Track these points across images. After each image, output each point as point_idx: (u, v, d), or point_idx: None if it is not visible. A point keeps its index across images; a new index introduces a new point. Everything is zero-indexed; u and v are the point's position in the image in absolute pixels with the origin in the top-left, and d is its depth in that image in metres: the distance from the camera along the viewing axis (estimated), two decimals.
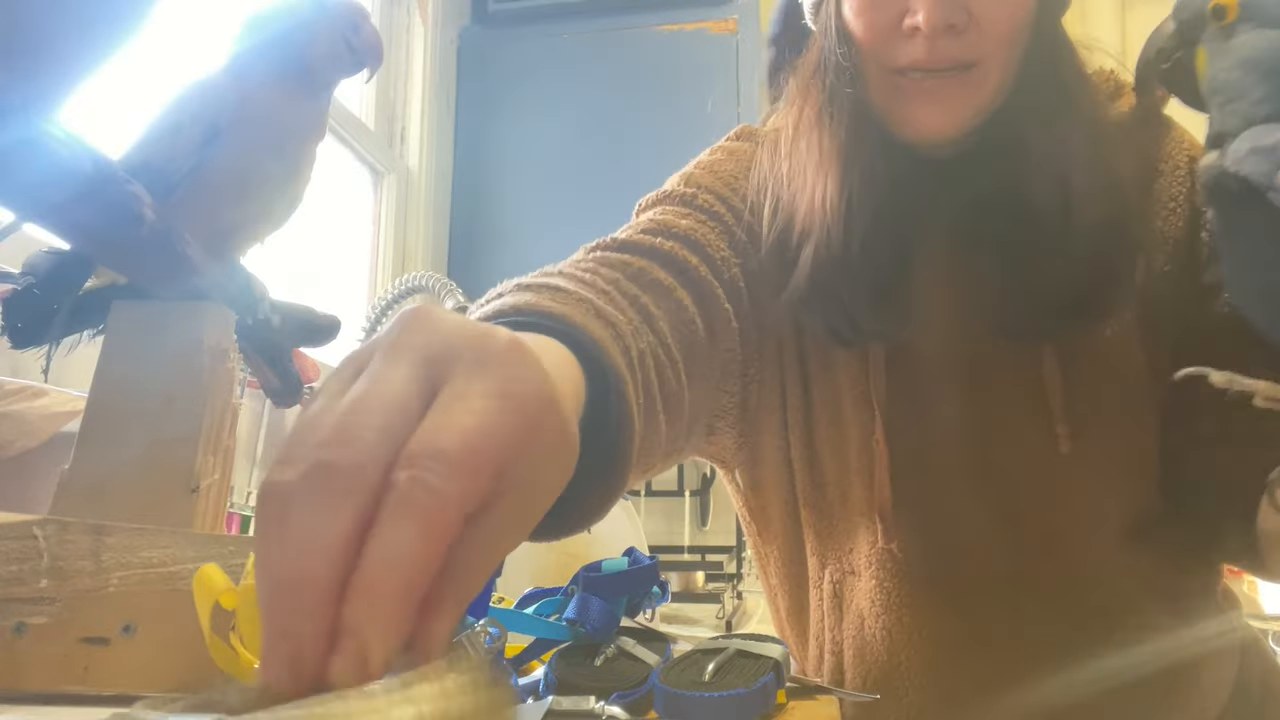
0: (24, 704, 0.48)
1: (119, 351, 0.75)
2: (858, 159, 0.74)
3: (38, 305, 0.78)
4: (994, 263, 0.75)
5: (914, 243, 0.76)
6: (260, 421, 1.59)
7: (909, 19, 0.69)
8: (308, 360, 1.50)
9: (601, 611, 0.59)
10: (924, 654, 0.76)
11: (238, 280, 0.81)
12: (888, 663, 0.77)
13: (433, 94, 2.58)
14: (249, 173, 0.80)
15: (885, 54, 0.72)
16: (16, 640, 0.49)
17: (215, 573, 0.48)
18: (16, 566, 0.48)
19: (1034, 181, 0.72)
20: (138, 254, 0.72)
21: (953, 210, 0.77)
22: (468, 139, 2.71)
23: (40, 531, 0.49)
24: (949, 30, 0.69)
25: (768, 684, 0.53)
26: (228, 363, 0.76)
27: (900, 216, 0.75)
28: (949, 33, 0.69)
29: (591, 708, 0.48)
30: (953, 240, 0.78)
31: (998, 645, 0.75)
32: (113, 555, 0.52)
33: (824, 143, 0.76)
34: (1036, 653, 0.74)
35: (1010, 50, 0.72)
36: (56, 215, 0.67)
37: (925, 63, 0.70)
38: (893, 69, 0.72)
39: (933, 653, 0.76)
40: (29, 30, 0.51)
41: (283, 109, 0.82)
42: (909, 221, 0.76)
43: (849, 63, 0.74)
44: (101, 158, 0.66)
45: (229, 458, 0.76)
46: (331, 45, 0.83)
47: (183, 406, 0.73)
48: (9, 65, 0.51)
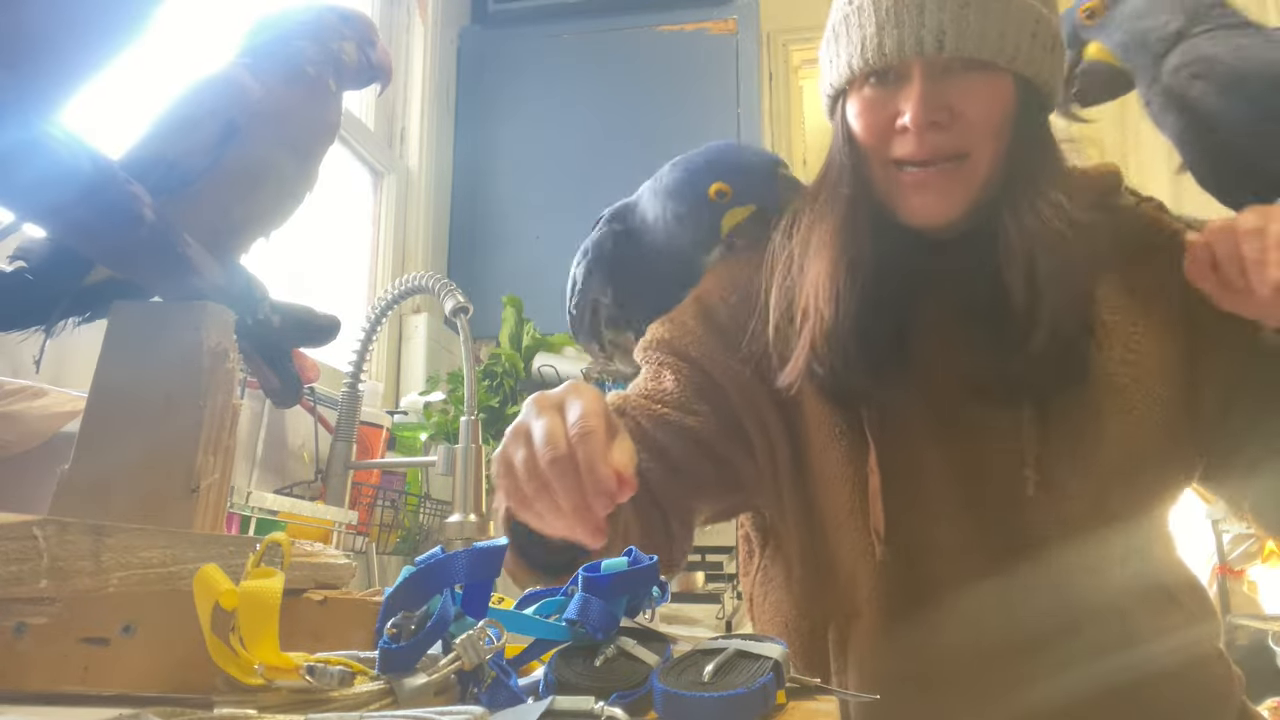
0: (24, 704, 0.48)
1: (119, 351, 0.75)
2: (851, 244, 0.84)
3: (29, 291, 0.77)
4: (977, 333, 0.85)
5: (907, 313, 0.87)
6: (260, 421, 1.59)
7: (900, 119, 0.80)
8: (307, 360, 1.50)
9: (601, 611, 0.59)
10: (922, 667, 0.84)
11: (238, 281, 0.81)
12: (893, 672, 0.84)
13: (433, 94, 2.58)
14: (263, 170, 0.80)
15: (883, 150, 0.83)
16: (16, 640, 0.49)
17: (215, 573, 0.48)
18: (16, 567, 0.48)
19: (1006, 265, 0.82)
20: (138, 254, 0.72)
21: (943, 285, 0.87)
22: (468, 139, 2.71)
23: (40, 532, 0.49)
24: (933, 126, 0.79)
25: (767, 684, 0.53)
26: (228, 363, 0.76)
27: (894, 292, 0.85)
28: (934, 128, 0.79)
29: (591, 708, 0.48)
30: (941, 311, 0.87)
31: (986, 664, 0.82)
32: (113, 555, 0.52)
33: (824, 230, 0.86)
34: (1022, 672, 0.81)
35: (996, 143, 0.81)
36: (56, 215, 0.67)
37: (916, 155, 0.81)
38: (889, 162, 0.83)
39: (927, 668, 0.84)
40: (32, 32, 0.51)
41: (299, 108, 0.82)
42: (902, 296, 0.86)
43: (850, 159, 0.85)
44: (101, 157, 0.66)
45: (229, 458, 0.76)
46: (351, 54, 0.85)
47: (183, 406, 0.73)
48: (10, 66, 0.51)
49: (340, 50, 0.85)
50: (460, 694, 0.51)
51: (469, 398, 1.50)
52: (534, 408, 0.64)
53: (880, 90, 0.82)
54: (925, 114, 0.79)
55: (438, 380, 2.16)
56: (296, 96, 0.82)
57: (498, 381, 2.16)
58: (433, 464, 1.57)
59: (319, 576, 0.65)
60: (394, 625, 0.51)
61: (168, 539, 0.56)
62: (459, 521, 1.46)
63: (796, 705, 0.58)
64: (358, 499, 1.64)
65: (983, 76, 0.80)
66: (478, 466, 1.49)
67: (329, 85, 0.84)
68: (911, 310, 0.87)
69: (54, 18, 0.52)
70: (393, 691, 0.48)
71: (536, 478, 0.61)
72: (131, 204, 0.68)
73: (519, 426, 0.64)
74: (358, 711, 0.45)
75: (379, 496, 1.69)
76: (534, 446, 0.62)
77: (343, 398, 1.64)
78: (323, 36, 0.84)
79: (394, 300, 1.63)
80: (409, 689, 0.48)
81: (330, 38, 0.84)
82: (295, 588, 0.61)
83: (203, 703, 0.45)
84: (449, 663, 0.50)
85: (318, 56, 0.83)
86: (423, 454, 1.94)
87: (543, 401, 0.65)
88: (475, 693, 0.51)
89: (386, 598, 0.53)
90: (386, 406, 2.10)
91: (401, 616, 0.52)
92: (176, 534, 0.57)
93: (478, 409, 1.54)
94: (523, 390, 2.24)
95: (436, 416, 1.99)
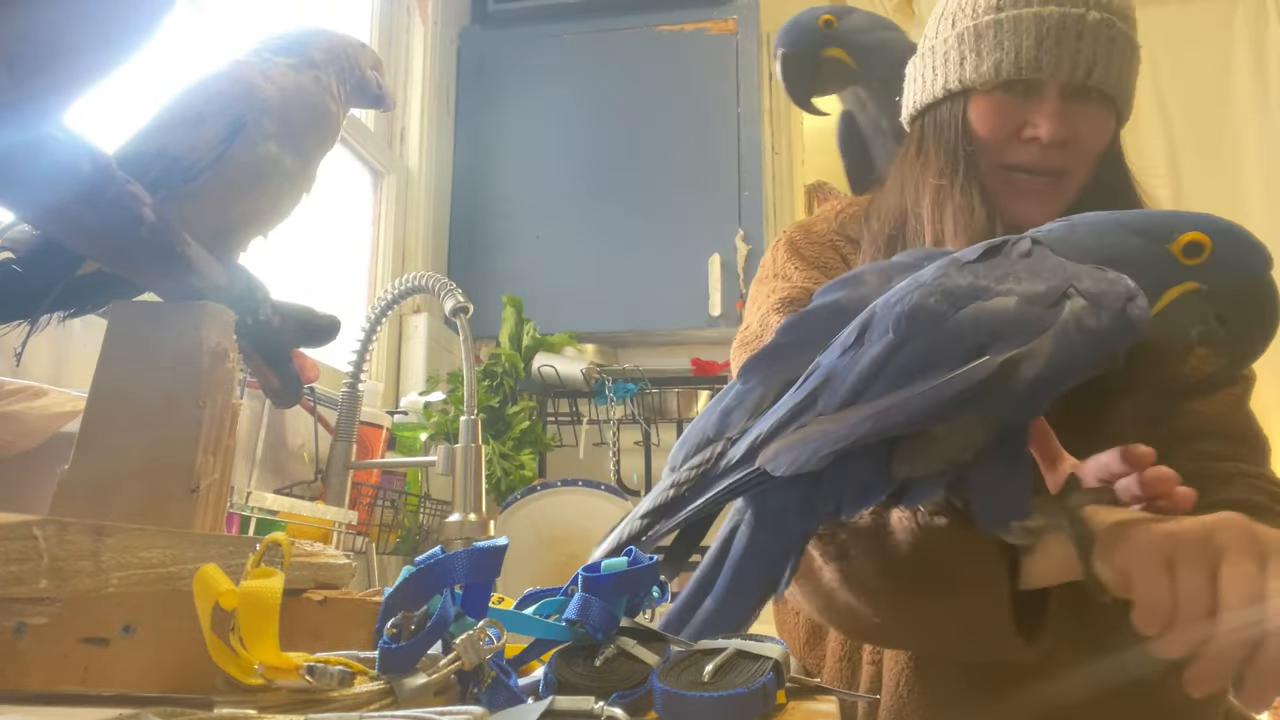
0: (24, 704, 0.48)
1: (119, 351, 0.75)
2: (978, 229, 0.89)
3: (16, 283, 0.75)
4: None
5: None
6: (260, 421, 1.59)
7: (1029, 130, 0.88)
8: (307, 360, 1.50)
9: (601, 611, 0.59)
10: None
11: (239, 281, 0.81)
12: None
13: (433, 94, 2.58)
14: (267, 169, 0.80)
15: (1001, 154, 0.90)
16: (16, 640, 0.49)
17: (215, 573, 0.48)
18: (16, 567, 0.48)
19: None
20: (137, 254, 0.72)
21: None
22: (468, 139, 2.71)
23: (40, 532, 0.49)
24: (1059, 144, 0.87)
25: (767, 684, 0.53)
26: (228, 363, 0.76)
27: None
28: (1057, 146, 0.87)
29: (591, 708, 0.48)
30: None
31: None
32: (113, 555, 0.52)
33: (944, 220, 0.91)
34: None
35: (1092, 164, 0.90)
36: (56, 215, 0.67)
37: (1034, 166, 0.89)
38: (1003, 166, 0.90)
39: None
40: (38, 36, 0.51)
41: (305, 110, 0.83)
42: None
43: (966, 155, 0.91)
44: (101, 157, 0.66)
45: (229, 458, 0.76)
46: (358, 73, 0.88)
47: (183, 406, 0.72)
48: (13, 68, 0.51)
49: (350, 66, 0.87)
50: (460, 694, 0.51)
51: (469, 398, 1.50)
52: (1246, 555, 0.56)
53: (1009, 99, 0.89)
54: (1059, 132, 0.87)
55: (438, 380, 2.16)
56: (304, 99, 0.82)
57: (498, 381, 2.16)
58: (433, 464, 1.57)
59: (319, 576, 0.65)
60: (394, 625, 0.51)
61: (168, 539, 0.56)
62: (459, 521, 1.47)
63: (796, 705, 0.58)
64: (358, 499, 1.64)
65: (1100, 107, 0.89)
66: (477, 466, 1.49)
67: (336, 93, 0.85)
68: None
69: (58, 21, 0.52)
70: (393, 691, 0.48)
71: (1241, 645, 0.54)
72: (131, 204, 0.68)
73: (1205, 556, 0.57)
74: (358, 711, 0.45)
75: (379, 496, 1.69)
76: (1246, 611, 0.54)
77: (343, 398, 1.64)
78: (335, 50, 0.87)
79: (394, 300, 1.63)
80: (409, 689, 0.48)
81: (342, 53, 0.87)
82: (295, 588, 0.61)
83: (203, 703, 0.45)
84: (449, 663, 0.50)
85: (328, 65, 0.85)
86: (423, 454, 1.94)
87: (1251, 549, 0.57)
88: (475, 693, 0.51)
89: (386, 598, 0.53)
90: (386, 406, 2.10)
91: (401, 616, 0.52)
92: (176, 534, 0.57)
93: (478, 409, 1.54)
94: (523, 390, 2.24)
95: (436, 416, 1.99)
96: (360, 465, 1.65)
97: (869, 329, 0.65)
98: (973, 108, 0.91)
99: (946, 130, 0.92)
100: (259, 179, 0.80)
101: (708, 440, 0.69)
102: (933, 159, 0.93)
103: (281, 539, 0.54)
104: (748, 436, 0.65)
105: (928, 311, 0.62)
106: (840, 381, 0.63)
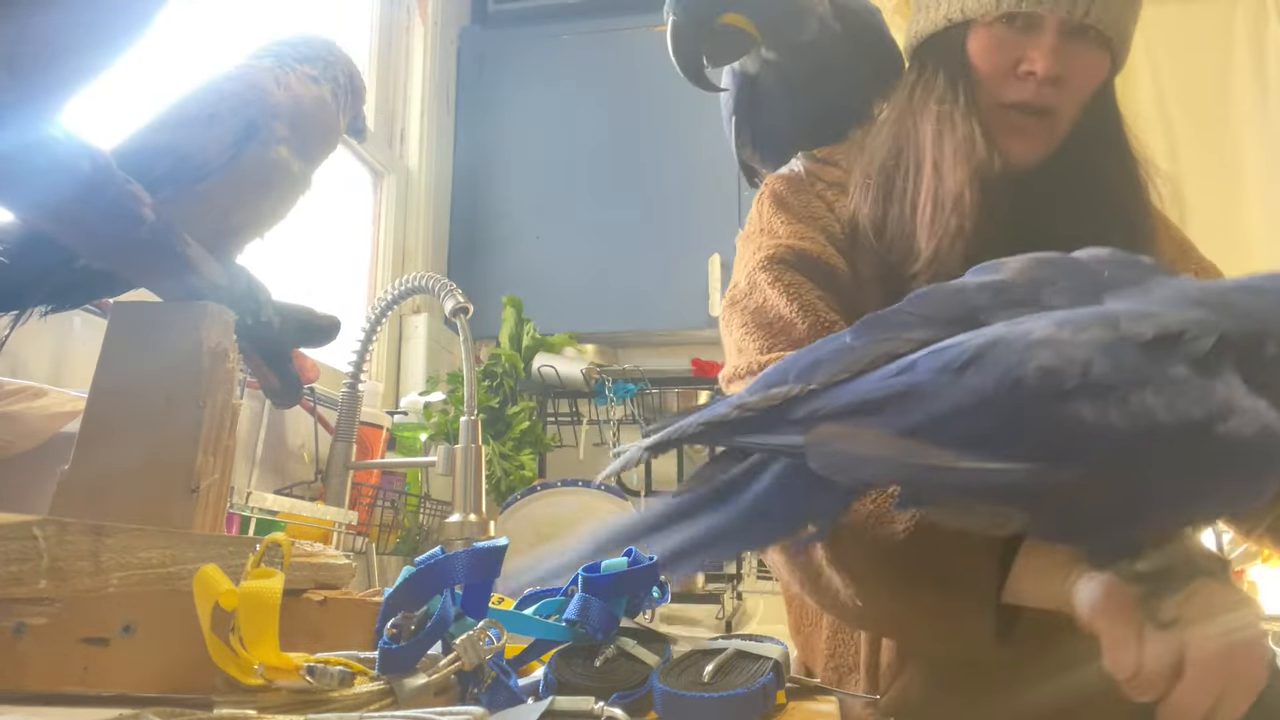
0: (24, 704, 0.48)
1: (119, 351, 0.75)
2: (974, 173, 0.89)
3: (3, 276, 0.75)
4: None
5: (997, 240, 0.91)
6: (260, 421, 1.59)
7: (1025, 64, 0.89)
8: (307, 360, 1.50)
9: (601, 612, 0.59)
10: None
11: (239, 281, 0.81)
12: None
13: (433, 94, 2.58)
14: (273, 173, 0.80)
15: (998, 90, 0.91)
16: (16, 640, 0.49)
17: (215, 573, 0.48)
18: (16, 567, 0.48)
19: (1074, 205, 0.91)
20: (137, 254, 0.72)
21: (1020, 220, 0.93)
22: (468, 139, 2.71)
23: (40, 532, 0.49)
24: (1053, 81, 0.88)
25: (767, 684, 0.53)
26: (228, 363, 0.76)
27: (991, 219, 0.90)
28: (1050, 83, 0.88)
29: (591, 708, 0.48)
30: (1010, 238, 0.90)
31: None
32: (112, 556, 0.52)
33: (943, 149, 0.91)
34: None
35: (1080, 105, 0.91)
36: (56, 215, 0.67)
37: (1029, 102, 0.89)
38: (1000, 105, 0.91)
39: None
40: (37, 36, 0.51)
41: (312, 116, 0.84)
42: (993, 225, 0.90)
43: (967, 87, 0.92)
44: (101, 157, 0.66)
45: (229, 458, 0.76)
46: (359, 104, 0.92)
47: (183, 406, 0.72)
48: (13, 68, 0.51)
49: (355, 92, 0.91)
50: (460, 694, 0.51)
51: (469, 398, 1.50)
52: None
53: (1009, 33, 0.89)
54: (1054, 67, 0.87)
55: (438, 380, 2.16)
56: (315, 109, 0.83)
57: (498, 382, 2.16)
58: (433, 464, 1.57)
59: (319, 577, 0.65)
60: (394, 625, 0.51)
61: (167, 539, 0.56)
62: (459, 521, 1.46)
63: (796, 705, 0.58)
64: (358, 499, 1.64)
65: (1096, 47, 0.90)
66: (477, 466, 1.49)
67: (337, 101, 0.86)
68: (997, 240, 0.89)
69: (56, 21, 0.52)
70: (393, 692, 0.48)
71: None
72: (131, 204, 0.68)
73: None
74: (358, 712, 0.45)
75: (379, 497, 1.69)
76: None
77: (343, 398, 1.64)
78: (352, 74, 0.90)
79: (394, 300, 1.63)
80: (409, 689, 0.48)
81: (355, 79, 0.91)
82: (295, 588, 0.61)
83: (203, 703, 0.45)
84: (449, 663, 0.50)
85: (330, 80, 0.87)
86: (423, 454, 1.94)
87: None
88: (475, 693, 0.51)
89: (386, 598, 0.53)
90: (386, 407, 2.10)
91: (401, 617, 0.52)
92: (176, 534, 0.57)
93: (478, 409, 1.54)
94: (522, 390, 2.24)
95: (436, 417, 1.99)
96: (360, 465, 1.65)
97: (982, 360, 0.56)
98: (973, 40, 0.92)
99: (948, 59, 0.94)
100: (267, 183, 0.81)
101: (786, 380, 0.64)
102: (934, 86, 0.94)
103: (281, 539, 0.54)
104: (814, 401, 0.61)
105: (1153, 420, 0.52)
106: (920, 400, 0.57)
